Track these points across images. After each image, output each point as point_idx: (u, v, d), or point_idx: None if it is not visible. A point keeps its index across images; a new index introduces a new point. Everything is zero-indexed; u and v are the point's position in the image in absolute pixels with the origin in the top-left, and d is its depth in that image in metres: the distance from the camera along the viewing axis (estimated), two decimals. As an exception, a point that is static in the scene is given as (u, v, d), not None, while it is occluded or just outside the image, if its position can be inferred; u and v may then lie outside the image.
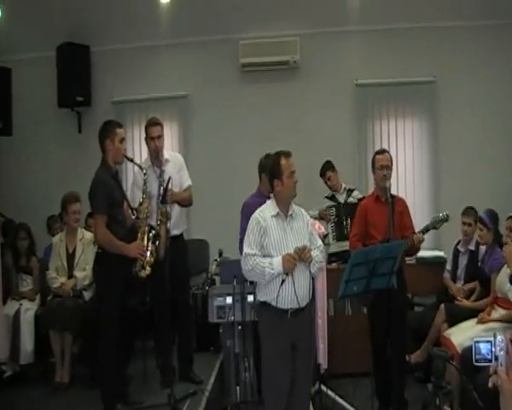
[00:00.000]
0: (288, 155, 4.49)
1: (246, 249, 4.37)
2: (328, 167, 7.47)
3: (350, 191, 7.32)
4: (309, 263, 4.32)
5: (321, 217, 7.36)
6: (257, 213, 4.46)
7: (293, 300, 4.29)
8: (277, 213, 4.42)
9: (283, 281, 4.25)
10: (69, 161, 8.53)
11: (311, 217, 7.14)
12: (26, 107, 8.48)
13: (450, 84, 8.23)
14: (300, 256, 4.26)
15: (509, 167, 8.07)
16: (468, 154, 8.17)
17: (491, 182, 7.97)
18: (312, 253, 4.36)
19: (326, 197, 7.49)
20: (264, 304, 4.42)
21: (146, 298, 6.22)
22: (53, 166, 8.63)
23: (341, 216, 7.19)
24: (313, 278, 4.86)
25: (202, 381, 5.89)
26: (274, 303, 4.32)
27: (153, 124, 5.82)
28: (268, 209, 4.46)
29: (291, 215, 4.46)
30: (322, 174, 7.49)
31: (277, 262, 4.26)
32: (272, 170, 4.49)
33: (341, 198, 7.38)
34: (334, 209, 7.29)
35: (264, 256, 4.33)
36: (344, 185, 7.50)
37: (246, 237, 4.42)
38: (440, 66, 8.24)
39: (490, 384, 2.21)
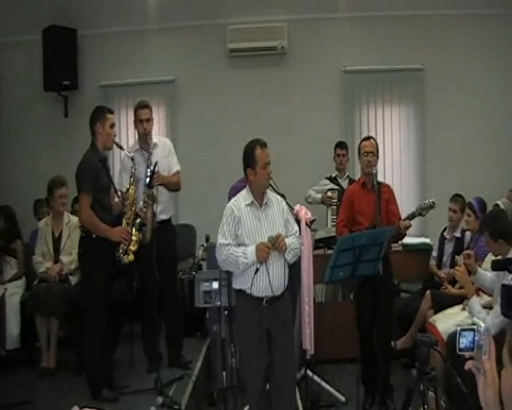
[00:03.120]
0: (263, 145, 4.42)
1: (220, 239, 4.38)
2: (346, 147, 7.66)
3: (351, 181, 7.32)
4: (283, 251, 4.34)
5: (322, 201, 7.42)
6: (231, 203, 4.47)
7: (267, 288, 4.31)
8: (252, 202, 4.41)
9: (257, 270, 4.27)
10: (55, 145, 8.47)
11: (311, 200, 7.25)
12: (12, 90, 8.41)
13: (438, 72, 8.27)
14: (274, 245, 4.27)
15: (496, 155, 8.13)
16: (454, 141, 8.21)
17: (478, 170, 8.01)
18: (287, 240, 4.37)
19: (327, 178, 7.62)
20: (240, 291, 4.45)
21: (133, 283, 6.20)
22: (39, 150, 8.55)
23: None
24: (299, 264, 4.92)
25: (191, 361, 5.91)
26: (249, 291, 4.34)
27: (142, 106, 5.78)
28: (243, 198, 4.45)
29: (266, 203, 4.45)
30: (340, 147, 7.66)
31: (251, 251, 4.27)
32: (246, 158, 4.44)
33: (343, 183, 7.48)
34: (337, 193, 7.34)
35: (239, 245, 4.34)
36: (347, 173, 7.64)
37: (220, 227, 4.42)
38: (428, 53, 8.26)
39: (466, 367, 2.25)
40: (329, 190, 7.49)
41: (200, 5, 8.44)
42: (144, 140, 5.75)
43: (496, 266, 4.64)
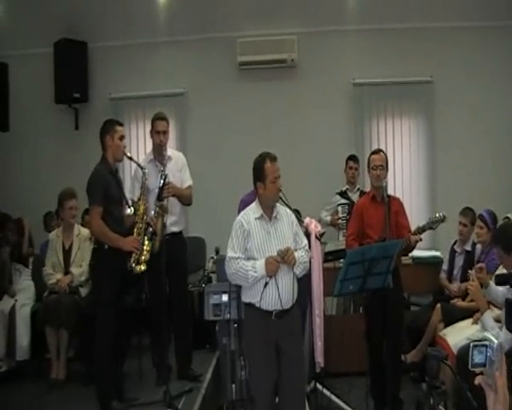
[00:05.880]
0: (273, 158, 4.42)
1: (229, 253, 4.37)
2: (358, 161, 7.71)
3: (362, 193, 7.31)
4: (293, 265, 4.33)
5: (332, 223, 7.44)
6: (240, 217, 4.46)
7: (276, 302, 4.30)
8: (261, 216, 4.41)
9: (267, 284, 4.26)
10: (66, 158, 8.51)
11: (323, 223, 7.24)
12: (23, 102, 8.45)
13: (447, 85, 8.27)
14: (283, 258, 4.25)
15: (506, 168, 8.10)
16: (464, 154, 8.19)
17: (488, 182, 7.99)
18: (296, 254, 4.35)
19: (337, 193, 7.67)
20: (249, 305, 4.44)
21: (142, 295, 6.21)
22: (49, 162, 8.61)
23: None
24: (309, 277, 4.91)
25: (201, 375, 5.90)
26: (258, 305, 4.33)
27: (160, 118, 5.84)
28: (252, 212, 4.45)
29: (275, 217, 4.45)
30: (353, 161, 7.70)
31: (260, 265, 4.26)
32: (256, 172, 4.44)
33: (354, 197, 7.49)
34: (347, 207, 7.38)
35: (248, 259, 4.33)
36: (358, 186, 7.67)
37: (229, 241, 4.41)
38: (437, 66, 8.27)
39: (475, 382, 2.25)
40: (340, 204, 7.51)
41: (209, 18, 8.50)
42: (159, 152, 5.77)
43: (499, 281, 4.61)
